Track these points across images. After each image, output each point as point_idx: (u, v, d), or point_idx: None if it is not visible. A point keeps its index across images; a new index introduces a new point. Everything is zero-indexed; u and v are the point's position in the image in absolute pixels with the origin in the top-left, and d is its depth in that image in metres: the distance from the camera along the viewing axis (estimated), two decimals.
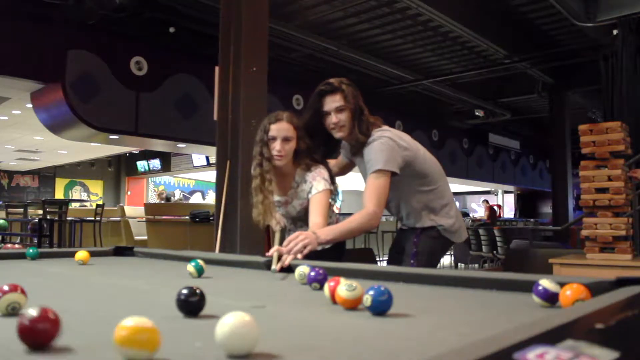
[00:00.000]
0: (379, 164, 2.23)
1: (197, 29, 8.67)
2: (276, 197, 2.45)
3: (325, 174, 2.38)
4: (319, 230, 2.07)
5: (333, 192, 2.41)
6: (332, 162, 2.59)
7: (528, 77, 11.43)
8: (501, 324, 0.86)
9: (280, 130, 2.35)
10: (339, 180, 2.65)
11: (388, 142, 2.28)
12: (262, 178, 2.35)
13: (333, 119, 2.30)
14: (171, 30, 8.63)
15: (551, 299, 1.05)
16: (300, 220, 2.49)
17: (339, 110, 2.30)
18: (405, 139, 2.40)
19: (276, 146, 2.33)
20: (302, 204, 2.43)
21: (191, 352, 0.73)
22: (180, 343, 0.80)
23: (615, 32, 7.25)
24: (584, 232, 4.15)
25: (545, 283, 1.07)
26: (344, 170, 2.74)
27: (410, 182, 2.40)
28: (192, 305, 0.96)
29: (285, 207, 2.48)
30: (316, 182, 2.33)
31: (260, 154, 2.39)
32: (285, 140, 2.34)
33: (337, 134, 2.34)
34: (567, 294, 1.01)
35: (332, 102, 2.30)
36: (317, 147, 2.43)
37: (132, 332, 0.67)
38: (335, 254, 2.43)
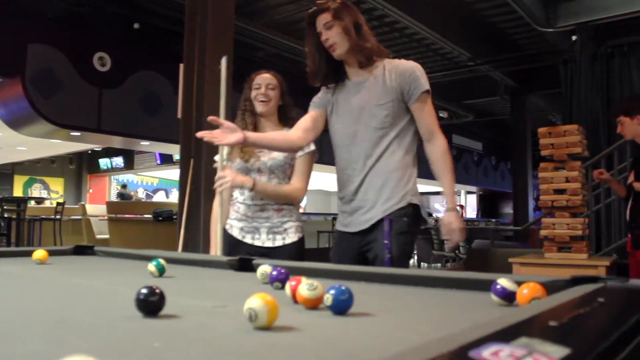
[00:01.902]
0: (427, 84, 2.14)
1: (162, 25, 8.57)
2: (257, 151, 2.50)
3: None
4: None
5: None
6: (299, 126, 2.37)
7: (491, 79, 11.63)
8: (460, 323, 0.87)
9: (265, 79, 2.53)
10: None
11: (415, 64, 2.20)
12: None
13: (323, 36, 2.21)
14: (136, 26, 8.51)
15: (509, 297, 1.07)
16: (273, 173, 2.53)
17: (327, 27, 2.20)
18: None
19: (261, 90, 2.48)
20: (284, 157, 2.51)
21: (149, 352, 0.72)
22: (139, 343, 0.79)
23: (574, 37, 7.43)
24: (543, 232, 4.24)
25: (503, 282, 1.09)
26: (317, 125, 2.38)
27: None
28: (151, 304, 0.95)
29: (266, 156, 2.51)
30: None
31: (243, 106, 2.54)
32: (270, 87, 2.50)
33: (334, 54, 2.23)
34: (524, 292, 1.03)
35: (321, 21, 2.22)
36: (331, 74, 2.32)
37: None
38: (297, 253, 2.46)
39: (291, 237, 2.54)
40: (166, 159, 15.12)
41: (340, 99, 2.29)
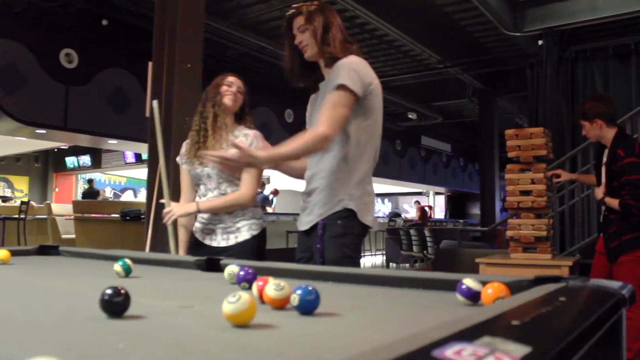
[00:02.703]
0: (344, 79, 2.09)
1: (131, 22, 8.47)
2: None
3: (260, 138, 2.60)
4: (260, 152, 2.09)
5: None
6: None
7: (460, 82, 11.78)
8: (425, 322, 0.88)
9: (237, 82, 2.71)
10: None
11: (361, 61, 2.19)
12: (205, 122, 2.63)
13: (297, 39, 2.29)
14: (104, 22, 8.39)
15: (474, 297, 1.09)
16: (221, 178, 2.64)
17: (301, 30, 2.27)
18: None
19: (233, 89, 2.66)
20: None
21: (113, 353, 0.71)
22: (103, 344, 0.78)
23: (540, 42, 7.57)
24: (509, 233, 4.30)
25: (468, 282, 1.10)
26: None
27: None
28: (116, 305, 0.94)
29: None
30: (257, 140, 2.56)
31: (207, 101, 2.67)
32: (239, 90, 2.69)
33: (305, 56, 2.28)
34: (489, 292, 1.05)
35: (296, 24, 2.30)
36: (306, 75, 2.38)
37: None
38: (250, 251, 2.48)
39: (243, 235, 2.61)
40: (141, 158, 14.94)
41: (318, 99, 2.33)
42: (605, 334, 0.79)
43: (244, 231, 2.62)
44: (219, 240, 2.64)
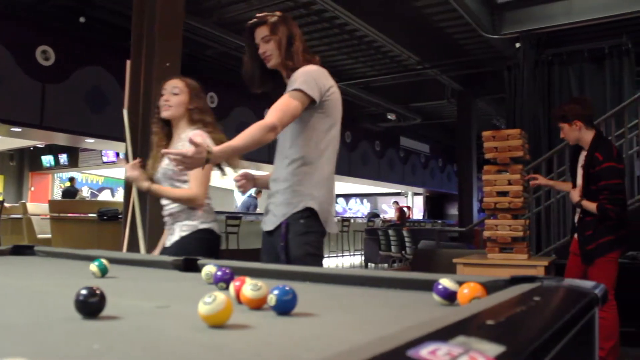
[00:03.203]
0: (300, 84, 2.20)
1: (109, 20, 8.38)
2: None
3: (205, 136, 2.52)
4: (214, 148, 2.11)
5: None
6: None
7: (438, 83, 11.86)
8: (402, 322, 0.89)
9: (169, 84, 2.70)
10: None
11: (319, 69, 2.30)
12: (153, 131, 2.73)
13: (260, 49, 2.37)
14: (81, 20, 8.29)
15: (450, 297, 1.10)
16: (166, 179, 2.69)
17: (265, 40, 2.35)
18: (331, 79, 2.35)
19: (164, 96, 2.68)
20: (166, 165, 2.66)
21: (88, 354, 0.70)
22: (77, 345, 0.77)
23: (517, 45, 7.66)
24: (486, 233, 4.34)
25: (445, 282, 1.11)
26: None
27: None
28: (91, 306, 0.93)
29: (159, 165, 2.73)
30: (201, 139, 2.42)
31: (156, 110, 2.75)
32: (174, 93, 2.68)
33: (268, 64, 2.38)
34: (465, 292, 1.06)
35: (259, 34, 2.37)
36: (266, 81, 2.49)
37: None
38: (177, 251, 2.51)
39: (175, 237, 2.68)
40: (112, 157, 14.79)
41: None
42: (578, 332, 0.80)
43: (176, 232, 2.68)
44: (171, 240, 2.71)
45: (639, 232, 5.14)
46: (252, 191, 14.45)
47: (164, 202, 2.75)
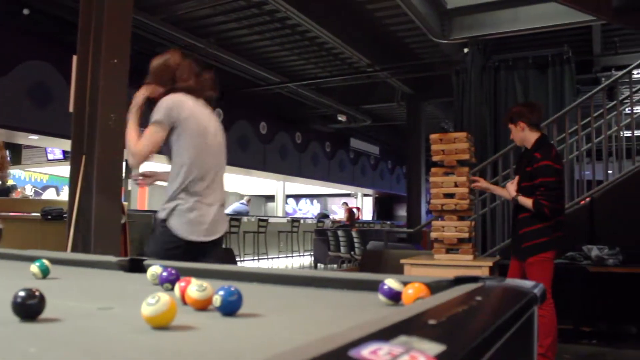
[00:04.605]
0: (155, 116, 2.62)
1: (55, 13, 8.13)
2: None
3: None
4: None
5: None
6: None
7: (389, 86, 11.99)
8: (346, 323, 0.89)
9: None
10: None
11: (174, 99, 2.66)
12: None
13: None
14: (25, 12, 8.01)
15: (395, 297, 1.11)
16: None
17: (146, 83, 2.79)
18: (189, 104, 2.68)
19: None
20: None
21: (24, 358, 0.68)
22: (13, 349, 0.74)
23: (466, 50, 7.83)
24: (433, 235, 4.42)
25: (390, 282, 1.12)
26: None
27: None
28: (29, 308, 0.90)
29: None
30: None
31: None
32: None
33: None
34: (409, 292, 1.07)
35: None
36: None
37: None
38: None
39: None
40: (57, 155, 14.35)
41: None
42: (518, 330, 0.82)
43: None
44: None
45: (577, 234, 5.35)
46: (244, 199, 14.44)
47: None
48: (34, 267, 1.52)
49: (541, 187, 3.55)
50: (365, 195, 24.04)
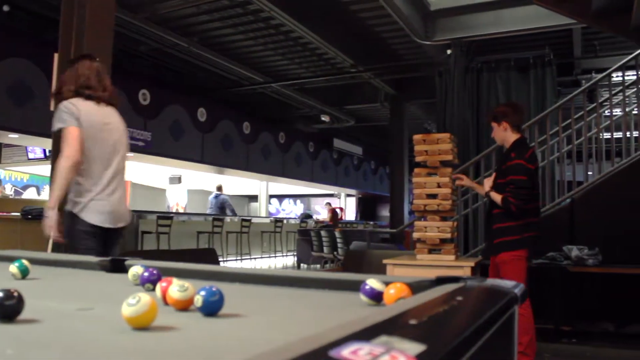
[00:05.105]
0: (55, 125, 3.00)
1: (36, 10, 8.04)
2: None
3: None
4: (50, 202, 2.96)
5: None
6: None
7: (372, 86, 12.02)
8: (328, 323, 0.89)
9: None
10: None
11: (67, 104, 2.99)
12: None
13: None
14: (5, 8, 7.90)
15: (376, 297, 1.11)
16: None
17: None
18: (79, 105, 3.00)
19: None
20: None
21: (1, 359, 0.67)
22: None
23: (449, 51, 7.87)
24: (415, 235, 4.43)
25: (372, 282, 1.13)
26: None
27: None
28: (7, 309, 0.89)
29: None
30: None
31: None
32: None
33: None
34: (391, 292, 1.08)
35: None
36: None
37: None
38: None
39: None
40: (39, 154, 14.17)
41: None
42: (498, 330, 0.83)
43: None
44: None
45: (558, 234, 5.40)
46: (216, 188, 13.58)
47: None
48: (13, 268, 1.51)
49: (511, 184, 3.67)
50: (348, 195, 24.08)
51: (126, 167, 3.25)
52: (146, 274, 1.32)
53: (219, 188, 12.78)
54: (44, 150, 13.77)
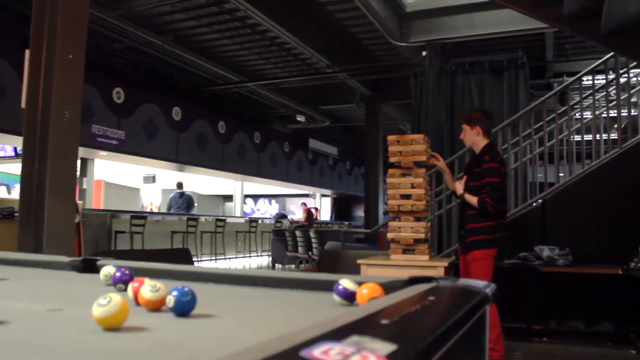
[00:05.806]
0: None
1: (6, 4, 7.89)
2: None
3: None
4: None
5: None
6: None
7: (348, 87, 12.04)
8: (300, 323, 0.89)
9: None
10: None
11: None
12: None
13: None
14: None
15: (349, 297, 1.12)
16: None
17: None
18: None
19: None
20: None
21: None
22: None
23: (424, 53, 7.93)
24: (389, 235, 4.45)
25: (345, 282, 1.13)
26: None
27: None
28: None
29: None
30: None
31: None
32: None
33: None
34: (364, 292, 1.08)
35: None
36: None
37: None
38: None
39: None
40: (9, 152, 13.92)
41: None
42: (470, 329, 0.84)
43: None
44: None
45: (529, 235, 5.48)
46: (177, 186, 13.41)
47: None
48: None
49: (487, 186, 3.85)
50: (323, 195, 24.10)
51: None
52: (118, 274, 1.30)
53: (180, 185, 12.67)
54: (15, 149, 13.53)
